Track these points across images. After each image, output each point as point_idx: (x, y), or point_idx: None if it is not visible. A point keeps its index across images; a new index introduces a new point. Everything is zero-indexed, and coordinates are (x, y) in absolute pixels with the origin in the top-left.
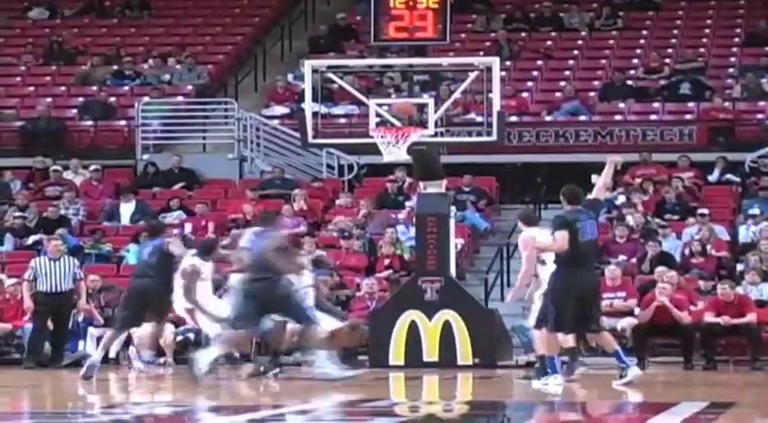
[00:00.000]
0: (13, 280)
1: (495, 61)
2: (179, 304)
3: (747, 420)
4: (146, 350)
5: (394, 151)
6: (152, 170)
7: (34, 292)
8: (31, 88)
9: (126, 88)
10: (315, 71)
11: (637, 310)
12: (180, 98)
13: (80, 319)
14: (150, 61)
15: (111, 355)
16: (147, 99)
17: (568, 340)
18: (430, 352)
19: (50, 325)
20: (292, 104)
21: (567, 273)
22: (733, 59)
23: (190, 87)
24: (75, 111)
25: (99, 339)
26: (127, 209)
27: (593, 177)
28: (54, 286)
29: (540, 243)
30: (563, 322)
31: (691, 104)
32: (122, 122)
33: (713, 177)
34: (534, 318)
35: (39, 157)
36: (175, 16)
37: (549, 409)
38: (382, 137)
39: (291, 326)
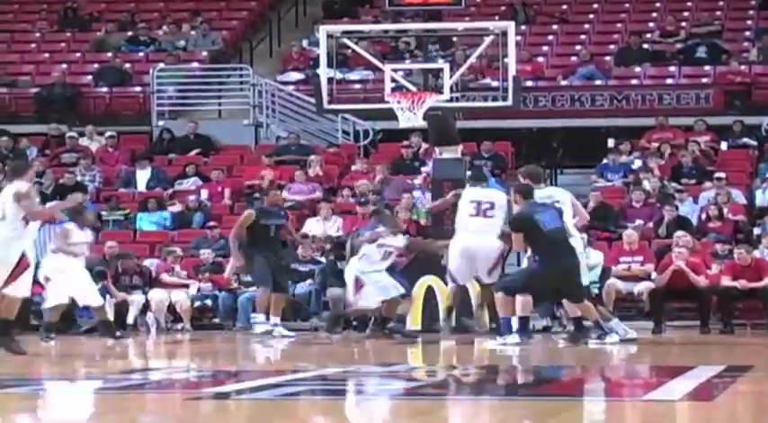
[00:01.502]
0: None
1: (510, 26)
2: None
3: (765, 384)
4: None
5: (410, 117)
6: (168, 137)
7: None
8: (46, 55)
9: (141, 54)
10: (330, 36)
11: (654, 275)
12: (195, 64)
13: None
14: (165, 27)
15: (130, 320)
16: (162, 65)
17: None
18: None
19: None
20: (307, 70)
21: (542, 263)
22: (749, 22)
23: (205, 53)
24: (90, 77)
25: (117, 305)
26: (143, 176)
27: (610, 141)
28: None
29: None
30: (515, 290)
31: (707, 68)
32: (137, 89)
33: (724, 146)
34: None
35: (54, 124)
36: None
37: (569, 373)
38: (398, 102)
39: None
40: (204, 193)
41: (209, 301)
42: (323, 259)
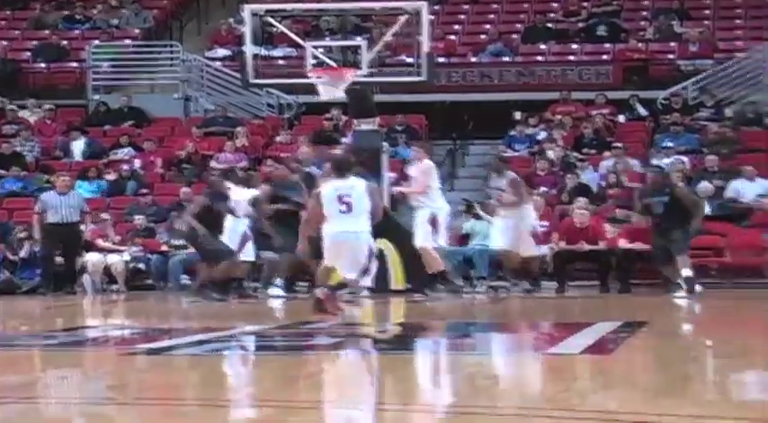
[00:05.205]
0: None
1: (423, 5)
2: None
3: (658, 338)
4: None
5: (330, 91)
6: (103, 109)
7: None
8: None
9: (77, 32)
10: (254, 15)
11: (555, 236)
12: (128, 41)
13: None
14: (99, 6)
15: None
16: (96, 42)
17: None
18: None
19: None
20: (234, 47)
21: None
22: (646, 2)
23: (137, 31)
24: (29, 53)
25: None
26: (78, 146)
27: (516, 114)
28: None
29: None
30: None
31: (607, 45)
32: (74, 64)
33: (622, 119)
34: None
35: None
36: None
37: (473, 329)
38: (319, 77)
39: None
40: (137, 163)
41: (141, 265)
42: None
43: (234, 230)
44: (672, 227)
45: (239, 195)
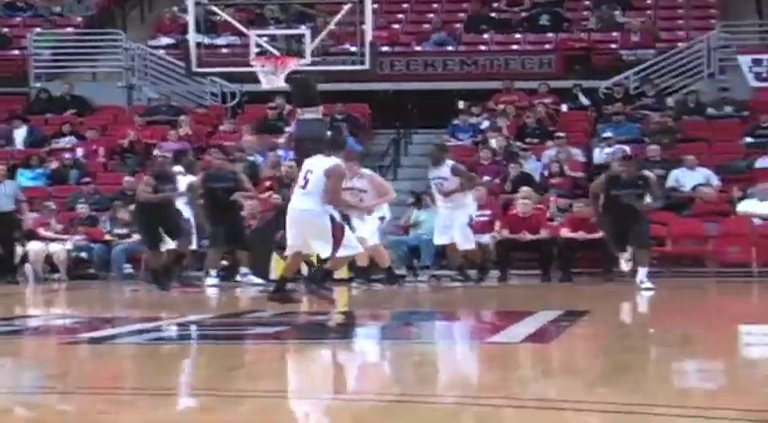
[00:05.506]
0: None
1: None
2: None
3: (598, 326)
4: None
5: (272, 79)
6: (44, 97)
7: None
8: None
9: (18, 19)
10: (198, 3)
11: (497, 225)
12: (70, 29)
13: None
14: None
15: None
16: (38, 30)
17: None
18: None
19: None
20: (177, 35)
21: None
22: None
23: (79, 19)
24: None
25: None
26: (19, 134)
27: (460, 103)
28: None
29: None
30: None
31: (550, 35)
32: (15, 52)
33: (565, 108)
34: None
35: None
36: None
37: (416, 318)
38: (262, 66)
39: None
40: (80, 151)
41: (84, 254)
42: None
43: None
44: (640, 217)
45: (180, 181)
